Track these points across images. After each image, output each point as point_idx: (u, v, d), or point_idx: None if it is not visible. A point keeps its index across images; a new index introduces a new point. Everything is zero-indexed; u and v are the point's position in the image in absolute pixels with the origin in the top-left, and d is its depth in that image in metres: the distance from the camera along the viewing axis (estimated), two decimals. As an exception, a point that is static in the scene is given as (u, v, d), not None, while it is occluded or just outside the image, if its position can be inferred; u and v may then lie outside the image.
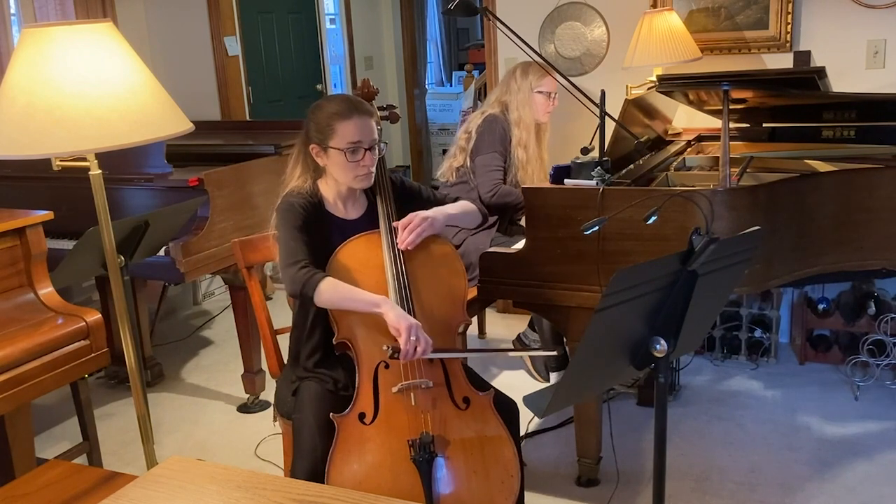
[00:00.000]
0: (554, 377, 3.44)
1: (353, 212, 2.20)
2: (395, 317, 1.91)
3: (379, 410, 1.96)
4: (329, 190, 2.17)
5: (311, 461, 1.93)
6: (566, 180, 2.53)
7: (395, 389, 1.97)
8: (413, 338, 1.89)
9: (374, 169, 2.11)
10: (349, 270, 2.04)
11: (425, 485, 1.86)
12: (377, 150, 2.11)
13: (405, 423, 1.94)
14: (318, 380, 2.11)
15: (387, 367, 2.00)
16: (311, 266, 2.00)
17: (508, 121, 3.34)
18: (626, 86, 3.60)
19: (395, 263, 2.04)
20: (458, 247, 3.17)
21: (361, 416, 1.95)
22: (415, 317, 2.01)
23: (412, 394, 1.97)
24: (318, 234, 2.11)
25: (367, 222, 2.18)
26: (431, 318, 2.06)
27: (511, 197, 3.28)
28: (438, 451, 1.90)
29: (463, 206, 2.28)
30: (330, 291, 1.96)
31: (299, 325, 2.18)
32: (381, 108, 2.30)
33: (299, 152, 2.18)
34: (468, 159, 3.33)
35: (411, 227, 2.07)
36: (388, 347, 1.95)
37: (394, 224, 2.10)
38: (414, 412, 1.95)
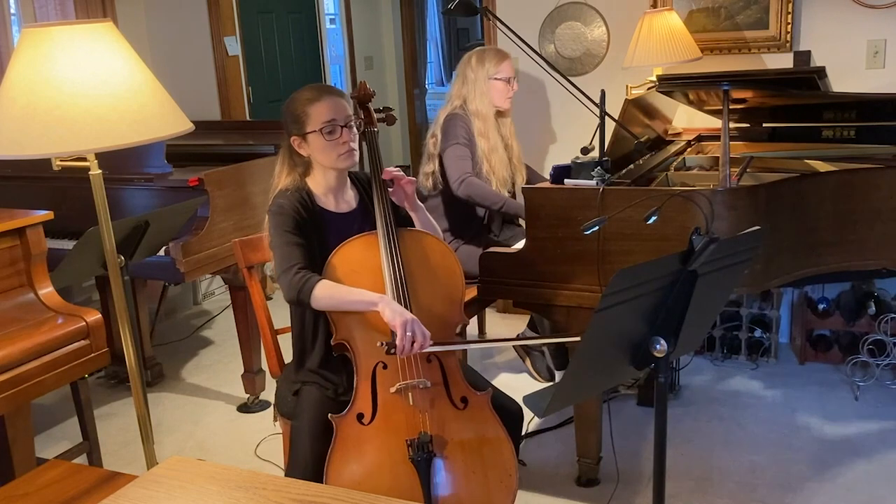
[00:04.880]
0: (558, 378, 3.44)
1: (343, 205, 2.20)
2: (391, 313, 1.91)
3: (377, 411, 1.96)
4: (318, 185, 2.17)
5: (302, 469, 1.94)
6: (566, 180, 2.53)
7: (392, 389, 1.97)
8: (409, 333, 1.89)
9: (354, 146, 2.12)
10: (346, 272, 2.04)
11: (424, 485, 1.86)
12: (354, 129, 2.12)
13: (403, 423, 1.94)
14: (320, 385, 2.11)
15: (385, 367, 2.00)
16: (305, 270, 2.00)
17: (468, 114, 3.19)
18: (626, 86, 3.60)
19: (393, 264, 2.04)
20: None
21: (360, 417, 1.95)
22: None
23: (410, 394, 1.97)
24: (312, 230, 2.12)
25: (359, 216, 2.19)
26: (429, 318, 2.05)
27: (478, 190, 3.10)
28: (436, 450, 1.90)
29: (436, 225, 2.29)
30: (326, 295, 1.97)
31: (298, 326, 2.18)
32: (377, 111, 2.30)
33: (284, 152, 2.20)
34: (437, 163, 3.20)
35: (397, 170, 2.11)
36: (383, 343, 1.94)
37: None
38: (412, 412, 1.95)
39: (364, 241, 2.08)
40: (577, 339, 2.31)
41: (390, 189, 2.14)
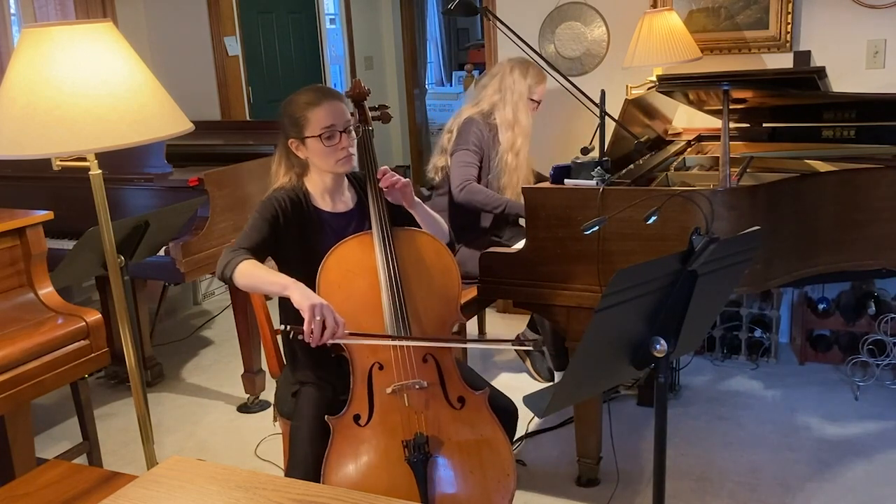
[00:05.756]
0: (558, 378, 3.44)
1: (340, 205, 2.20)
2: (300, 297, 1.87)
3: (373, 412, 1.96)
4: (315, 185, 2.17)
5: (302, 470, 1.93)
6: (566, 180, 2.53)
7: (389, 390, 1.96)
8: (318, 318, 1.83)
9: (353, 150, 2.12)
10: (342, 271, 2.04)
11: (420, 485, 1.86)
12: (353, 133, 2.12)
13: (399, 423, 1.93)
14: (319, 386, 2.11)
15: (381, 367, 1.99)
16: (242, 250, 2.00)
17: (491, 122, 3.20)
18: (626, 86, 3.60)
19: (388, 264, 2.04)
20: None
21: (356, 418, 1.95)
22: (408, 316, 2.01)
23: (406, 394, 1.96)
24: (306, 229, 2.12)
25: (357, 216, 2.19)
26: (425, 317, 2.06)
27: (478, 196, 3.13)
28: (433, 451, 1.90)
29: (438, 217, 2.28)
30: (246, 273, 1.95)
31: (286, 325, 2.18)
32: (372, 109, 2.29)
33: (281, 152, 2.20)
34: (448, 159, 3.23)
35: (393, 177, 2.11)
36: (288, 327, 1.89)
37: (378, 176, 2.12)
38: (408, 413, 1.95)
39: (359, 241, 2.08)
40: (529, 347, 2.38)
41: (386, 189, 2.14)
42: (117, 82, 1.76)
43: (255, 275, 1.96)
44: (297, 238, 2.12)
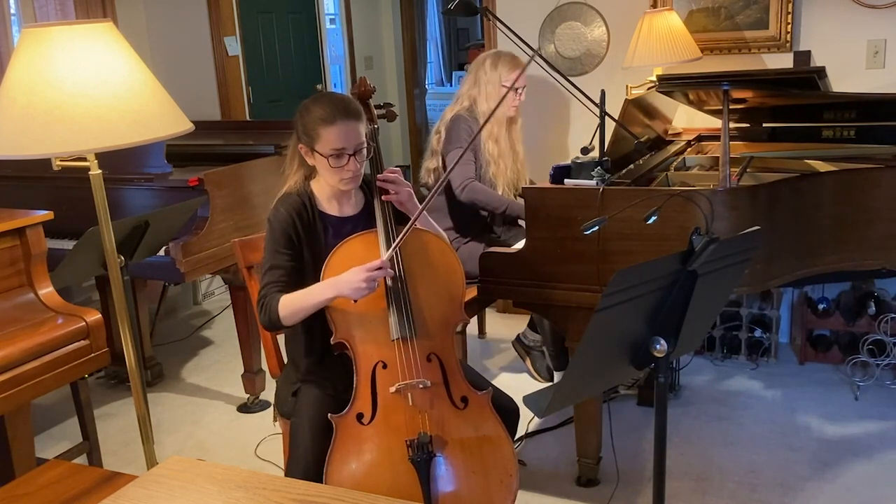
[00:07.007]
0: (557, 378, 3.44)
1: (348, 208, 2.19)
2: (351, 290, 1.91)
3: (377, 410, 1.96)
4: (321, 189, 2.16)
5: (303, 467, 1.94)
6: (566, 180, 2.53)
7: (392, 389, 1.97)
8: (371, 283, 1.89)
9: (360, 172, 2.09)
10: (346, 270, 2.03)
11: (423, 485, 1.86)
12: (364, 153, 2.07)
13: (403, 423, 1.94)
14: (319, 384, 2.10)
15: (384, 366, 1.99)
16: (267, 297, 2.01)
17: (475, 117, 3.21)
18: (626, 86, 3.60)
19: (393, 262, 2.04)
20: None
21: (359, 417, 1.95)
22: (413, 316, 2.01)
23: (410, 394, 1.96)
24: (313, 234, 2.11)
25: (363, 218, 2.18)
26: (430, 316, 2.06)
27: (481, 195, 3.15)
28: (437, 450, 1.90)
29: (441, 231, 2.28)
30: (287, 309, 1.98)
31: (290, 329, 2.17)
32: (378, 107, 2.29)
33: (294, 148, 2.18)
34: (441, 160, 3.24)
35: (394, 178, 2.12)
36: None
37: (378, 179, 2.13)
38: (412, 412, 1.95)
39: (364, 240, 2.08)
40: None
41: (391, 192, 2.13)
42: (117, 82, 1.76)
43: (295, 305, 1.98)
44: (308, 247, 2.11)
